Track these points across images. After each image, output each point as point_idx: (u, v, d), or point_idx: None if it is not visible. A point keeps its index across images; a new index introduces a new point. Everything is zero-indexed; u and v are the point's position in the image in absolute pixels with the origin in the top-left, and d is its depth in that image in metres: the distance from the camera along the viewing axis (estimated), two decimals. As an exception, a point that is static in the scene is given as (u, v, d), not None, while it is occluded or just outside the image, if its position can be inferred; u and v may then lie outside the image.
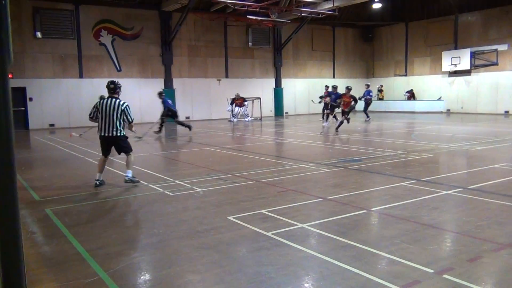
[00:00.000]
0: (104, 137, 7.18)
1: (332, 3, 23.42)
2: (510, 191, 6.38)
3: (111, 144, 7.29)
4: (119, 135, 7.14)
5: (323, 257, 3.97)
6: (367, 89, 22.65)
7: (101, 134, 7.19)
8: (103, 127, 7.11)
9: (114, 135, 7.10)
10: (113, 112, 7.04)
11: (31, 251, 4.37)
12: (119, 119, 7.08)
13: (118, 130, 7.12)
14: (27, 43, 20.49)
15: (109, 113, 7.04)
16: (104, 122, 7.07)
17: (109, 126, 7.06)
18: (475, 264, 3.75)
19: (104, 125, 7.09)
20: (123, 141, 7.27)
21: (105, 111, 7.06)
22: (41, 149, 13.42)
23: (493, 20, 24.93)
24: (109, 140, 7.22)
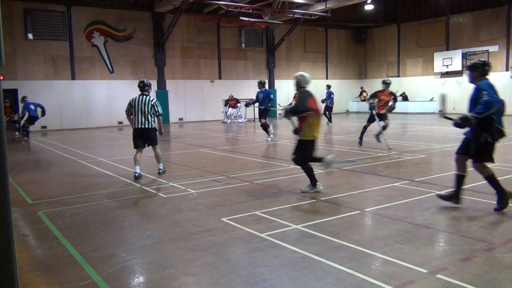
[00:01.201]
0: (139, 129, 8.13)
1: (325, 4, 23.52)
2: (502, 191, 6.42)
3: (144, 135, 8.18)
4: (150, 127, 8.17)
5: (317, 258, 3.97)
6: (328, 90, 20.81)
7: (135, 126, 8.14)
8: (137, 121, 8.09)
9: (147, 126, 8.11)
10: (144, 107, 8.08)
11: (24, 254, 4.33)
12: (150, 113, 8.11)
13: (150, 123, 8.14)
14: (18, 45, 20.35)
15: (142, 108, 8.08)
16: (138, 116, 8.08)
17: (143, 119, 8.08)
18: (468, 264, 3.77)
19: (138, 119, 8.09)
20: (153, 133, 8.28)
21: (138, 106, 8.09)
22: (33, 152, 13.33)
23: (484, 21, 25.16)
24: (142, 132, 8.14)
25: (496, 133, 5.30)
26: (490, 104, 5.10)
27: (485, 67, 5.51)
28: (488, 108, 5.09)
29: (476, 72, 5.51)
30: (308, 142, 6.41)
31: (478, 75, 5.49)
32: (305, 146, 6.42)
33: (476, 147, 5.38)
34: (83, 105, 22.08)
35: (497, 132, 5.31)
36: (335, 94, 31.32)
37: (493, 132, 5.26)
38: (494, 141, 5.31)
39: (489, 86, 5.32)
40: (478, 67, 5.51)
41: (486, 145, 5.30)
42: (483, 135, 5.27)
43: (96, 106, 22.37)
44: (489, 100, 5.11)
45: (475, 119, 5.12)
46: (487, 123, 5.22)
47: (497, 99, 5.23)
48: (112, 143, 15.07)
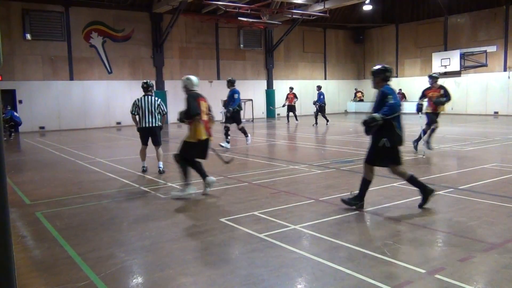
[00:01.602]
0: (145, 128, 8.58)
1: (323, 5, 23.53)
2: (500, 191, 6.44)
3: (151, 133, 8.63)
4: (157, 125, 8.62)
5: (316, 258, 3.97)
6: (319, 91, 20.56)
7: (142, 126, 8.59)
8: (145, 120, 8.54)
9: (154, 125, 8.56)
10: (151, 107, 8.53)
11: (22, 255, 4.32)
12: (156, 112, 8.59)
13: (157, 121, 8.61)
14: (16, 45, 20.30)
15: (149, 107, 8.52)
16: (146, 115, 8.52)
17: (151, 118, 8.53)
18: (466, 264, 3.78)
19: (146, 118, 8.53)
20: (159, 131, 8.72)
21: (145, 106, 8.52)
22: (31, 152, 13.30)
23: (482, 22, 25.20)
24: (149, 130, 8.59)
25: (396, 138, 5.52)
26: (395, 107, 5.37)
27: (387, 72, 5.71)
28: (393, 111, 5.37)
29: (379, 78, 5.69)
30: (190, 144, 6.53)
31: (380, 81, 5.68)
32: (187, 147, 6.54)
33: (372, 150, 5.62)
34: (81, 105, 22.05)
35: (397, 138, 5.54)
36: (333, 94, 31.65)
37: (393, 137, 5.48)
38: (393, 146, 5.51)
39: (392, 91, 5.55)
40: (380, 72, 5.68)
41: (383, 150, 5.50)
42: (381, 140, 5.47)
43: (94, 106, 22.34)
44: (394, 103, 5.37)
45: (382, 120, 5.34)
46: (387, 129, 5.44)
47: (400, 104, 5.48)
48: (111, 143, 15.06)
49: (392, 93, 5.47)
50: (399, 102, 5.46)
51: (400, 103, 5.47)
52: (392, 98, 5.38)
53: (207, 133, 6.58)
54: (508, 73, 24.22)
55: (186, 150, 6.57)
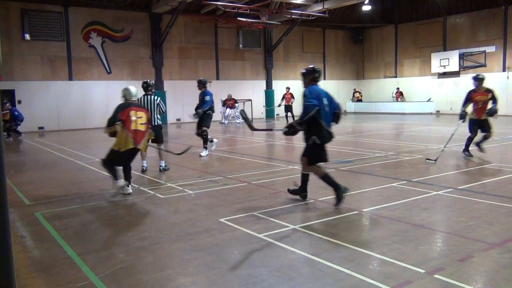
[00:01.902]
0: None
1: (322, 5, 23.54)
2: (499, 191, 6.45)
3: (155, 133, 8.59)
4: (156, 124, 8.72)
5: (315, 258, 3.98)
6: None
7: None
8: None
9: (153, 124, 8.49)
10: (151, 106, 8.66)
11: (21, 255, 4.32)
12: (156, 111, 8.73)
13: (156, 120, 8.74)
14: (15, 45, 20.28)
15: (149, 107, 8.60)
16: None
17: (150, 117, 8.27)
18: (465, 264, 3.78)
19: None
20: (159, 130, 8.82)
21: (144, 106, 8.46)
22: (31, 152, 13.29)
23: (481, 22, 25.23)
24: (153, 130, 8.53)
25: (326, 135, 5.81)
26: (306, 109, 5.55)
27: (315, 73, 5.90)
28: (306, 113, 5.56)
29: (308, 78, 5.87)
30: (113, 151, 6.72)
31: (309, 81, 5.86)
32: (112, 154, 6.72)
33: (305, 148, 5.90)
34: (80, 105, 22.03)
35: (327, 134, 5.82)
36: (333, 94, 31.40)
37: (323, 134, 5.75)
38: (323, 143, 5.84)
39: (311, 91, 5.70)
40: (309, 73, 5.87)
41: (313, 147, 5.80)
42: (311, 138, 5.74)
43: (93, 106, 22.31)
44: (305, 106, 5.57)
45: (300, 126, 5.67)
46: (315, 128, 5.69)
47: (315, 103, 5.57)
48: (110, 144, 15.02)
49: (309, 93, 5.65)
50: (314, 101, 5.56)
51: (314, 103, 5.56)
52: (306, 100, 5.59)
53: (135, 142, 6.64)
54: (507, 73, 24.24)
55: (110, 157, 6.76)
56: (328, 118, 5.81)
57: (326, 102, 5.76)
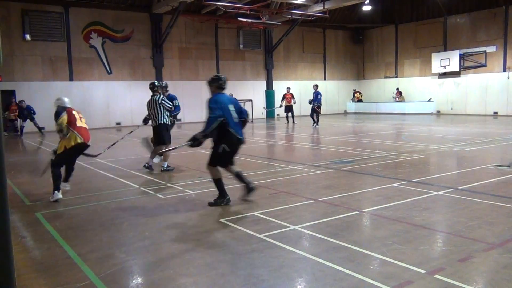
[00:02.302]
0: (153, 126, 9.01)
1: (323, 5, 23.54)
2: (500, 191, 6.45)
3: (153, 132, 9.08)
4: (158, 123, 8.88)
5: (316, 258, 3.98)
6: (316, 90, 19.78)
7: (152, 124, 9.04)
8: (152, 119, 9.00)
9: (155, 124, 8.90)
10: (154, 106, 8.91)
11: (22, 255, 4.32)
12: (159, 111, 8.87)
13: (159, 120, 8.86)
14: (16, 46, 20.30)
15: (151, 107, 8.94)
16: (150, 114, 9.03)
17: (153, 118, 8.93)
18: (466, 264, 3.78)
19: (151, 117, 9.00)
20: (160, 129, 8.90)
21: (149, 106, 9.02)
22: (31, 153, 13.30)
23: (482, 22, 25.22)
24: (153, 129, 9.03)
25: (236, 142, 5.90)
26: (209, 121, 5.63)
27: (219, 81, 5.98)
28: (209, 125, 5.64)
29: (213, 87, 5.96)
30: (59, 153, 6.84)
31: (215, 89, 5.95)
32: (58, 155, 6.82)
33: (212, 153, 5.95)
34: (81, 106, 21.86)
35: (237, 141, 5.90)
36: (333, 94, 31.66)
37: (233, 141, 5.84)
38: (233, 150, 5.95)
39: (216, 101, 5.77)
40: (214, 81, 5.98)
41: (223, 153, 5.87)
42: (220, 146, 5.82)
43: (94, 107, 22.32)
44: (208, 118, 5.65)
45: (204, 138, 5.75)
46: (225, 136, 5.79)
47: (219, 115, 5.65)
48: (110, 144, 15.02)
49: (214, 103, 5.71)
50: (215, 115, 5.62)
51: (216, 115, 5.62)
52: (210, 112, 5.66)
53: (84, 139, 6.84)
54: (507, 73, 24.24)
55: (57, 156, 6.85)
56: (236, 124, 5.88)
57: (233, 109, 5.85)
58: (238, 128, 5.93)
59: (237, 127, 5.90)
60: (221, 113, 5.68)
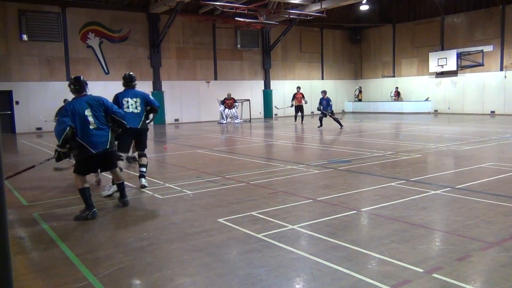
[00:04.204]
0: None
1: (320, 5, 23.54)
2: (497, 190, 6.47)
3: None
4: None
5: (314, 258, 3.98)
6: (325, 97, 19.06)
7: None
8: None
9: None
10: None
11: (19, 256, 4.31)
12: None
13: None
14: (13, 46, 20.24)
15: None
16: None
17: None
18: (463, 263, 3.79)
19: None
20: None
21: None
22: (28, 153, 13.26)
23: (479, 21, 25.28)
24: None
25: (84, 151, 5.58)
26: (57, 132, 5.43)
27: (71, 85, 5.81)
28: (58, 135, 5.42)
29: (71, 91, 5.82)
30: None
31: (73, 93, 5.81)
32: None
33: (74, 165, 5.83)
34: (78, 106, 22.00)
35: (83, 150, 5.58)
36: (331, 94, 31.22)
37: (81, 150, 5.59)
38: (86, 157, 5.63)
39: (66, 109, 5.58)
40: (69, 85, 5.82)
41: (78, 162, 5.72)
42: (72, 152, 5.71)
43: (91, 107, 22.27)
44: (56, 130, 5.47)
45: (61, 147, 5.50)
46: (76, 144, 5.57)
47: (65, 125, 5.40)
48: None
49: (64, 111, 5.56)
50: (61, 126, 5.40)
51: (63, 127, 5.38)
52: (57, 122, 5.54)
53: None
54: (504, 72, 24.29)
55: None
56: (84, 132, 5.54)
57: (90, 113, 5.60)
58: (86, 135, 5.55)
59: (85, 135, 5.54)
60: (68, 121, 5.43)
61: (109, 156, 5.87)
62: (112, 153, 5.92)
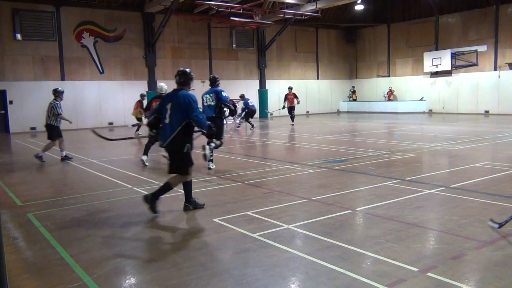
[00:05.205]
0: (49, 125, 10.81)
1: (315, 4, 23.57)
2: (491, 189, 6.50)
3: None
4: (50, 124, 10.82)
5: (309, 257, 3.99)
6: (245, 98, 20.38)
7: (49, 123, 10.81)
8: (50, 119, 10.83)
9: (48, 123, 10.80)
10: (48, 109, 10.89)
11: (13, 256, 4.29)
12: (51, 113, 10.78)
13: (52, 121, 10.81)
14: (6, 45, 20.11)
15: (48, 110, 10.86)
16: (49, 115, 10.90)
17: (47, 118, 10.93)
18: (458, 262, 3.81)
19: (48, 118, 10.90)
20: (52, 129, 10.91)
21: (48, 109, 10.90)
22: (23, 153, 13.19)
23: (473, 21, 25.40)
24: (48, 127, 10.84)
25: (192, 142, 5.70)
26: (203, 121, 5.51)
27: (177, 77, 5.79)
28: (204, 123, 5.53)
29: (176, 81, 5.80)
30: None
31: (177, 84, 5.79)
32: None
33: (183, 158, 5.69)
34: (73, 106, 21.86)
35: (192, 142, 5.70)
36: (326, 94, 31.74)
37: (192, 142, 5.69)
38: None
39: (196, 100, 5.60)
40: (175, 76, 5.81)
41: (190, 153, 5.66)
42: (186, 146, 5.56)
43: (86, 107, 22.19)
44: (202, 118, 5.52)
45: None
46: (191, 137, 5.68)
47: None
48: (103, 144, 14.96)
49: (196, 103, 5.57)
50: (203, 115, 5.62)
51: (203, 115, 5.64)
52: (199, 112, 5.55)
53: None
54: (498, 72, 24.43)
55: None
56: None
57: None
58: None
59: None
60: None
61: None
62: None
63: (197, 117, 5.46)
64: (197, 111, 5.48)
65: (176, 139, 5.49)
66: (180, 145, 5.51)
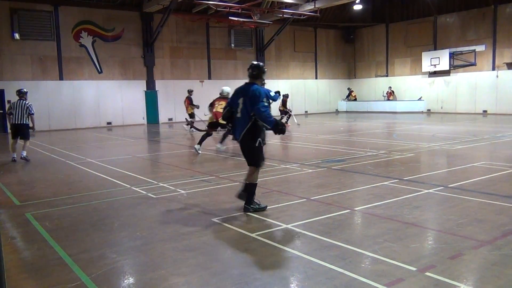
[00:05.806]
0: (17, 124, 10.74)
1: (314, 4, 23.58)
2: (489, 189, 6.52)
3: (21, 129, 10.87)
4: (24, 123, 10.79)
5: (308, 257, 3.99)
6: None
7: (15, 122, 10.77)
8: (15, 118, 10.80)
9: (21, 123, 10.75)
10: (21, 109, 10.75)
11: (11, 256, 4.28)
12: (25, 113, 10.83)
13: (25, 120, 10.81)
14: (4, 45, 20.08)
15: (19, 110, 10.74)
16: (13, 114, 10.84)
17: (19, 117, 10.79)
18: (456, 261, 3.81)
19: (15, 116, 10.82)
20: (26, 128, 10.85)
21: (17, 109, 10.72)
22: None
23: (471, 21, 25.44)
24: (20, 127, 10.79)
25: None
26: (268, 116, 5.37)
27: (250, 69, 5.71)
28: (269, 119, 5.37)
29: (248, 73, 5.75)
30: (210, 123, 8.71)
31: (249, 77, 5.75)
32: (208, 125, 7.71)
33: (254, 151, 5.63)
34: (71, 105, 21.87)
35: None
36: (324, 94, 31.77)
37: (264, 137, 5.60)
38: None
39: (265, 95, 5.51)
40: (248, 69, 5.76)
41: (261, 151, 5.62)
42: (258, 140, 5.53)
43: (84, 106, 22.17)
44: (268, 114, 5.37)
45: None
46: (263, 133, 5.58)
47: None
48: (101, 143, 14.95)
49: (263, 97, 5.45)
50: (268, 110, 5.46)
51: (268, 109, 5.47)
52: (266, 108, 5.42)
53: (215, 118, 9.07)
54: (496, 72, 24.47)
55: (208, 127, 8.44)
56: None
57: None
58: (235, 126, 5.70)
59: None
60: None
61: None
62: None
63: (259, 110, 5.26)
64: (260, 104, 5.28)
65: (248, 133, 5.43)
66: (251, 140, 5.45)
